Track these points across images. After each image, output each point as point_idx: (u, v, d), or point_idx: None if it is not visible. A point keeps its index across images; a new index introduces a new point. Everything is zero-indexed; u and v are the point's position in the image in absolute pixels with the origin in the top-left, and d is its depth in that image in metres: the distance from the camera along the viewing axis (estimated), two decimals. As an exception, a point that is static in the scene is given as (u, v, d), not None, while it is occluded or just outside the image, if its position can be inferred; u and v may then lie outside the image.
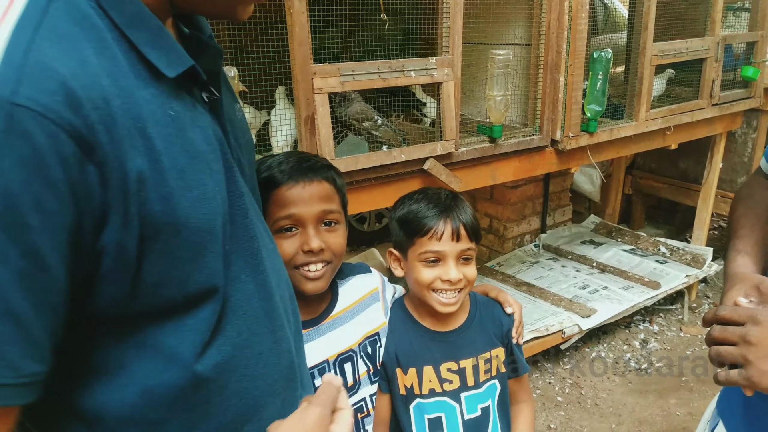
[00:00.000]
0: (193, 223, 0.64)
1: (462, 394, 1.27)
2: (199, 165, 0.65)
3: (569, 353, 2.93)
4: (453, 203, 1.24)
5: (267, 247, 0.81)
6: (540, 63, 2.28)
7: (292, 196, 1.07)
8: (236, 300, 0.73)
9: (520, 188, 3.47)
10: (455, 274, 1.19)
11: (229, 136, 0.73)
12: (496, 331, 1.31)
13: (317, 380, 1.13)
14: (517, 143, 2.28)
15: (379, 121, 2.13)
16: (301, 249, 1.07)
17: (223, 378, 0.72)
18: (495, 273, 3.24)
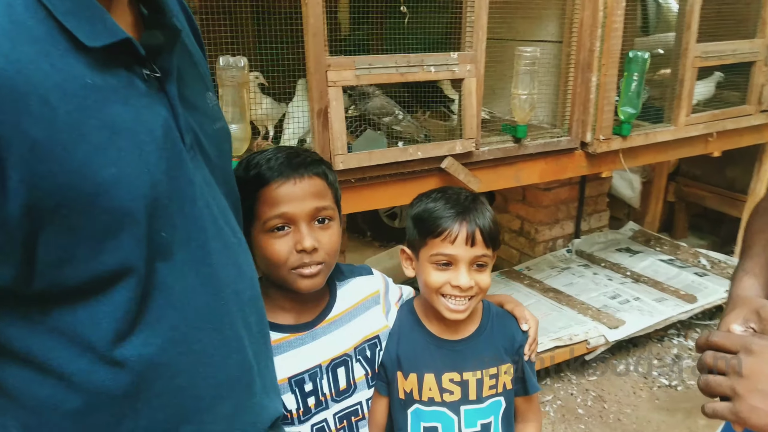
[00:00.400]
0: (106, 202, 0.61)
1: (462, 407, 1.21)
2: (122, 143, 0.63)
3: (595, 364, 2.82)
4: (472, 205, 1.16)
5: (226, 241, 0.78)
6: (571, 61, 2.18)
7: (282, 193, 1.03)
8: (175, 292, 0.70)
9: (554, 191, 3.36)
10: (466, 281, 1.12)
11: (179, 119, 0.71)
12: (506, 346, 1.23)
13: (307, 385, 1.10)
14: (543, 144, 2.20)
15: (400, 116, 2.08)
16: (294, 248, 1.03)
17: (153, 373, 0.69)
18: (522, 277, 3.15)
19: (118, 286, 0.65)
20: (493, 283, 3.08)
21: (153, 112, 0.68)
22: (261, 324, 0.87)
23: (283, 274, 1.05)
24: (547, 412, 2.52)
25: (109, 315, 0.65)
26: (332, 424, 1.14)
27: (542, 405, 2.55)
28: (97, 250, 0.63)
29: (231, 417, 0.79)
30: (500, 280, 3.14)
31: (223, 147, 0.84)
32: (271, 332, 1.06)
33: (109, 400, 0.67)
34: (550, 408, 2.54)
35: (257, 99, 1.93)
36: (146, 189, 0.65)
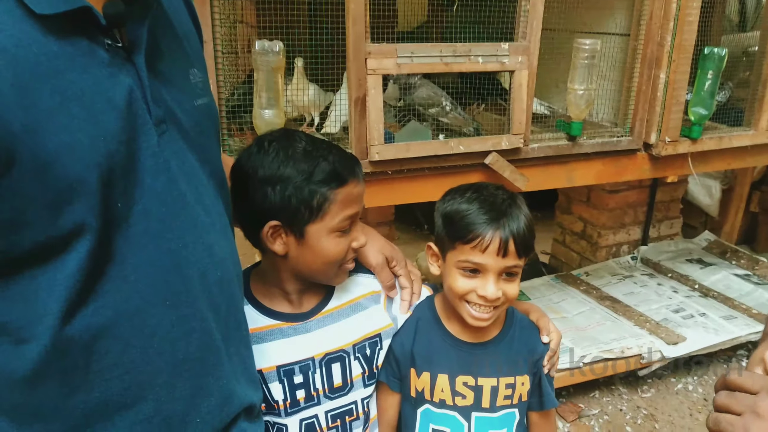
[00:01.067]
0: (58, 168, 0.61)
1: (474, 413, 1.16)
2: (75, 110, 0.62)
3: (650, 381, 2.65)
4: (508, 209, 1.08)
5: (195, 218, 0.77)
6: (637, 56, 2.03)
7: (356, 194, 1.03)
8: (130, 264, 0.69)
9: (621, 193, 3.17)
10: (493, 292, 1.07)
11: (146, 91, 0.70)
12: (526, 357, 1.18)
13: (297, 377, 1.07)
14: (600, 144, 2.06)
15: (447, 107, 2.01)
16: (350, 247, 1.06)
17: (103, 344, 0.68)
18: (579, 282, 3.00)
19: (72, 254, 0.64)
20: (548, 287, 2.96)
21: (115, 81, 0.67)
22: (232, 308, 0.85)
23: (332, 271, 1.06)
24: (591, 426, 2.39)
25: (62, 282, 0.64)
26: (323, 421, 1.11)
27: (587, 419, 2.42)
28: (50, 216, 0.62)
29: (192, 398, 0.78)
30: (555, 284, 3.01)
31: (204, 124, 0.81)
32: (265, 317, 1.07)
33: (59, 369, 0.67)
34: (595, 423, 2.41)
35: (301, 86, 1.91)
36: (101, 158, 0.64)
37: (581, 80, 1.91)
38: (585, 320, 2.66)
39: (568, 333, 2.54)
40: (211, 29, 1.53)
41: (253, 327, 1.05)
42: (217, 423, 0.83)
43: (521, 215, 1.09)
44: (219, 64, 1.60)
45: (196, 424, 0.79)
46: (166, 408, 0.75)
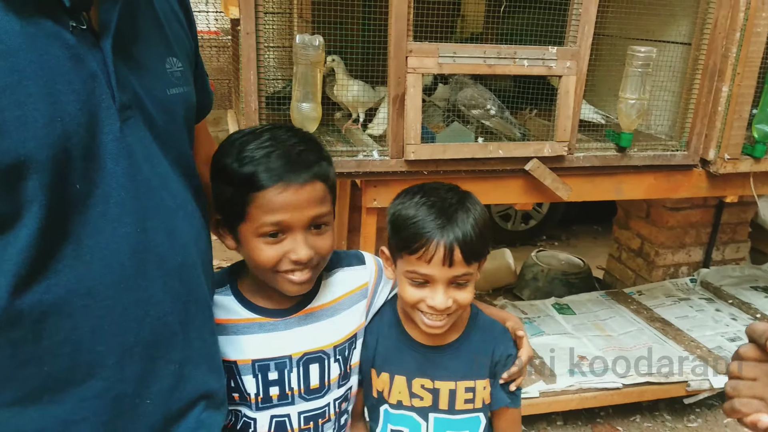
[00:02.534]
0: (7, 142, 0.62)
1: (431, 414, 1.14)
2: (33, 88, 0.64)
3: (699, 410, 2.51)
4: (455, 215, 1.02)
5: (158, 204, 0.78)
6: (698, 66, 1.93)
7: (281, 202, 0.94)
8: (85, 246, 0.70)
9: (683, 212, 3.02)
10: (442, 302, 1.02)
11: (112, 76, 0.71)
12: (486, 362, 1.14)
13: (272, 373, 1.05)
14: (652, 157, 1.97)
15: (492, 111, 1.97)
16: (286, 256, 0.97)
17: (53, 321, 0.70)
18: (630, 301, 2.87)
19: (22, 230, 0.66)
20: (596, 303, 2.86)
21: (78, 64, 0.68)
22: (192, 294, 0.85)
23: (268, 276, 1.00)
24: (628, 451, 2.29)
25: (12, 258, 0.66)
26: (296, 422, 1.08)
27: (624, 443, 2.32)
28: (2, 190, 0.64)
29: (142, 380, 0.79)
30: (604, 300, 2.90)
31: (175, 113, 0.82)
32: (246, 310, 1.06)
33: (8, 340, 0.69)
34: (632, 448, 2.31)
35: (345, 82, 1.93)
36: (55, 137, 0.65)
37: (633, 89, 1.83)
38: (631, 340, 2.55)
39: (610, 352, 2.44)
40: (254, 22, 1.56)
41: (234, 318, 1.05)
42: (169, 405, 0.83)
43: (469, 219, 1.02)
44: (261, 57, 1.63)
45: (146, 405, 0.80)
46: (115, 387, 0.77)
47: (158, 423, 0.83)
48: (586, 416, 2.42)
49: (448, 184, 1.11)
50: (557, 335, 2.55)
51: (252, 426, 1.08)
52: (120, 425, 0.79)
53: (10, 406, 0.73)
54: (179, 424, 0.87)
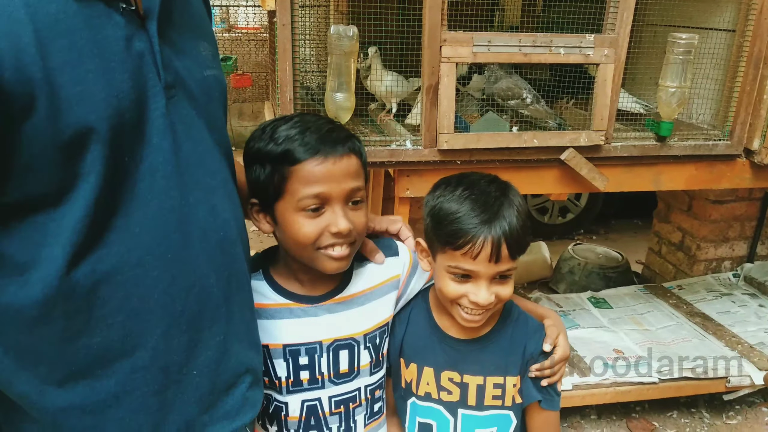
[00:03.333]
0: (71, 116, 0.66)
1: (459, 410, 1.13)
2: (90, 65, 0.68)
3: (738, 407, 2.45)
4: (500, 209, 1.00)
5: (199, 180, 0.81)
6: (743, 54, 1.87)
7: (320, 173, 0.96)
8: (135, 218, 0.74)
9: (727, 204, 2.94)
10: (485, 298, 1.01)
11: (157, 56, 0.75)
12: (518, 359, 1.12)
13: (303, 358, 1.07)
14: (693, 146, 1.92)
15: (528, 99, 1.95)
16: (327, 230, 0.98)
17: (105, 290, 0.73)
18: (669, 295, 2.81)
19: (79, 201, 0.69)
20: (634, 297, 2.81)
21: (129, 44, 0.72)
22: (234, 270, 0.88)
23: (308, 254, 1.00)
24: (664, 447, 2.25)
25: (69, 228, 0.69)
26: (326, 406, 1.10)
27: (660, 439, 2.28)
28: (62, 161, 0.67)
29: (189, 350, 0.82)
30: (642, 294, 2.85)
31: (212, 94, 0.86)
32: (277, 295, 1.07)
33: (63, 312, 0.72)
34: (668, 444, 2.27)
35: (379, 74, 1.93)
36: (112, 111, 0.69)
37: (674, 77, 1.79)
38: (669, 335, 2.50)
39: (647, 346, 2.40)
40: (290, 13, 1.58)
41: (266, 303, 1.07)
42: (214, 378, 0.86)
43: (513, 213, 1.00)
44: (296, 49, 1.65)
45: (192, 376, 0.83)
46: (162, 358, 0.79)
47: (206, 395, 0.86)
48: (621, 410, 2.39)
49: (486, 174, 1.09)
50: (592, 329, 2.52)
51: (284, 410, 1.09)
52: (169, 396, 0.81)
53: (63, 384, 0.76)
54: (226, 400, 0.89)
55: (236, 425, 0.92)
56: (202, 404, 0.86)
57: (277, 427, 1.11)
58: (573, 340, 2.39)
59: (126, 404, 0.78)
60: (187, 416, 0.84)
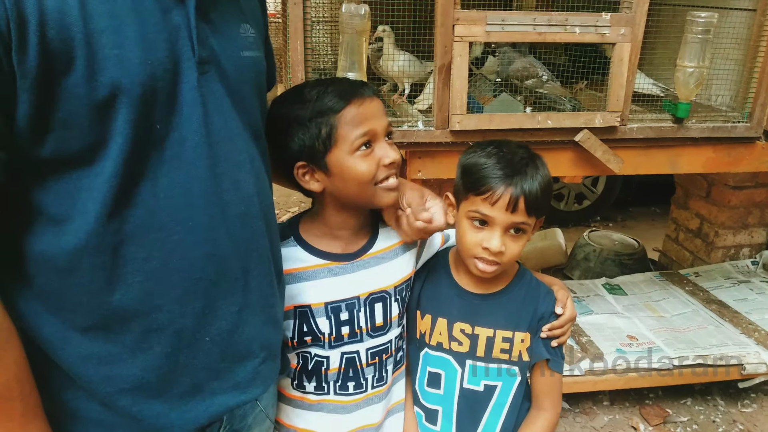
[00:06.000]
0: (106, 76, 0.70)
1: (467, 361, 1.18)
2: (128, 32, 0.71)
3: (754, 395, 2.42)
4: (525, 168, 1.09)
5: (226, 154, 0.83)
6: (763, 33, 1.83)
7: (363, 113, 1.04)
8: (160, 183, 0.77)
9: (746, 190, 2.89)
10: (497, 245, 1.08)
11: (193, 32, 0.77)
12: (528, 316, 1.18)
13: (343, 314, 1.13)
14: (711, 128, 1.89)
15: (544, 77, 1.93)
16: (380, 164, 1.05)
17: (129, 250, 0.77)
18: (685, 282, 2.78)
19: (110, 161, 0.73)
20: (649, 284, 2.78)
21: (166, 16, 0.75)
22: (254, 245, 0.89)
23: (369, 191, 1.06)
24: (677, 433, 2.23)
25: (101, 186, 0.73)
26: (364, 358, 1.16)
27: (673, 425, 2.26)
28: (97, 118, 0.71)
29: (203, 317, 0.84)
30: (657, 281, 2.82)
31: (246, 75, 0.88)
32: (314, 257, 1.13)
33: (90, 265, 0.76)
34: (681, 430, 2.25)
35: (392, 54, 1.92)
36: (145, 77, 0.72)
37: (692, 57, 1.76)
38: (685, 321, 2.47)
39: (662, 333, 2.37)
40: (301, -8, 1.57)
41: (303, 266, 1.12)
42: (226, 347, 0.87)
43: (537, 175, 1.09)
44: (308, 29, 1.64)
45: (205, 342, 0.85)
46: (177, 321, 0.82)
47: (216, 363, 0.88)
48: (635, 397, 2.37)
49: (517, 142, 1.17)
50: (606, 314, 2.49)
51: (325, 364, 1.15)
52: (181, 359, 0.84)
53: (85, 331, 0.79)
54: (237, 371, 0.91)
55: (246, 398, 0.94)
56: (212, 371, 0.88)
57: (315, 383, 1.17)
58: (586, 326, 2.37)
59: (140, 361, 0.81)
60: (197, 380, 0.87)
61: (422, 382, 1.23)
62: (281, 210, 4.12)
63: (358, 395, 1.18)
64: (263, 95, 0.96)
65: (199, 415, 0.88)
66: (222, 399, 0.90)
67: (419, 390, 1.24)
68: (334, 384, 1.17)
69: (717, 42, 1.87)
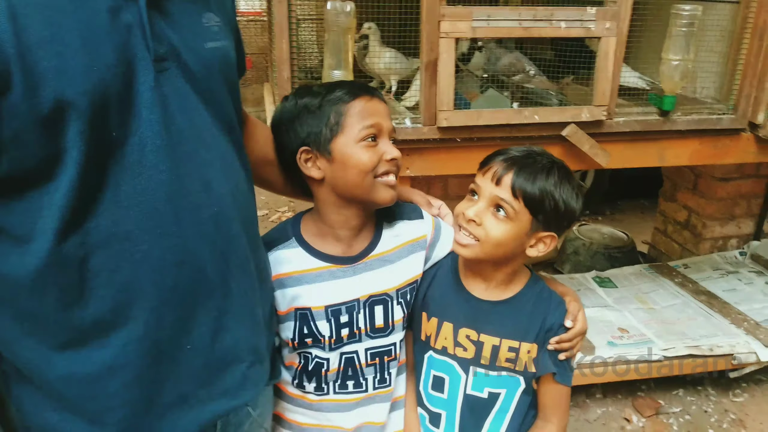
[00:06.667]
0: (48, 91, 0.66)
1: (472, 367, 1.16)
2: (69, 39, 0.67)
3: (745, 384, 2.44)
4: (529, 161, 1.07)
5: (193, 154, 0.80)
6: (747, 25, 1.84)
7: (372, 108, 1.07)
8: (123, 191, 0.73)
9: (733, 182, 2.91)
10: (472, 212, 1.07)
11: (147, 29, 0.73)
12: (537, 327, 1.14)
13: (343, 316, 1.12)
14: (697, 121, 1.90)
15: (531, 72, 1.93)
16: (382, 158, 1.07)
17: (96, 263, 0.74)
18: (674, 274, 2.80)
19: (65, 175, 0.70)
20: (638, 276, 2.80)
21: (115, 16, 0.71)
22: (233, 246, 0.87)
23: (368, 182, 1.07)
24: (669, 424, 2.24)
25: (58, 201, 0.70)
26: (363, 357, 1.15)
27: (666, 416, 2.28)
28: (45, 135, 0.68)
29: (181, 326, 0.82)
30: (647, 273, 2.83)
31: (213, 67, 0.84)
32: (315, 260, 1.11)
33: (57, 282, 0.73)
34: (674, 421, 2.26)
35: (378, 51, 1.91)
36: (93, 85, 0.69)
37: (677, 50, 1.77)
38: (675, 313, 2.49)
39: (652, 325, 2.39)
40: (286, -10, 1.57)
41: (305, 269, 1.11)
42: (209, 354, 0.86)
43: (543, 171, 1.06)
44: (294, 27, 1.64)
45: (186, 351, 0.83)
46: (154, 332, 0.79)
47: (200, 372, 0.86)
48: (627, 389, 2.38)
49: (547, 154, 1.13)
50: (597, 308, 2.51)
51: (325, 365, 1.15)
52: (162, 370, 0.82)
53: (62, 350, 0.77)
54: (224, 377, 0.89)
55: (236, 403, 0.93)
56: (198, 380, 0.86)
57: (315, 383, 1.16)
58: (577, 320, 2.38)
59: (121, 376, 0.79)
60: (183, 389, 0.84)
61: (426, 384, 1.21)
62: (270, 210, 4.10)
63: (359, 394, 1.17)
64: (234, 86, 0.93)
65: (190, 424, 0.86)
66: (211, 407, 0.89)
67: (424, 392, 1.22)
68: (333, 384, 1.16)
69: (702, 35, 1.88)
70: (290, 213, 3.99)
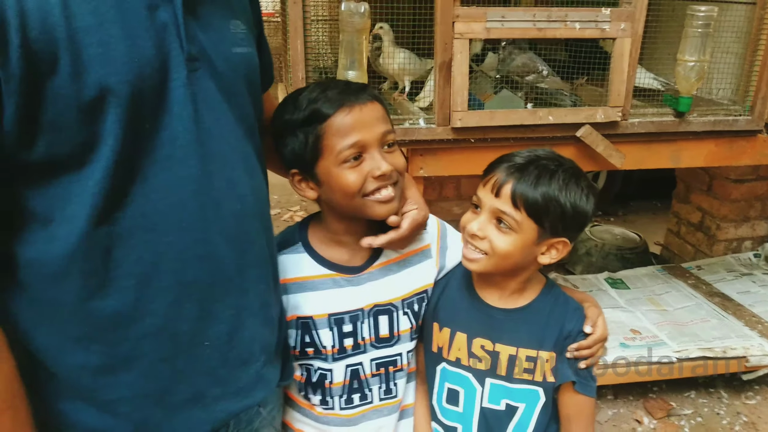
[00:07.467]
0: (92, 76, 0.68)
1: (488, 379, 1.13)
2: (113, 31, 0.70)
3: (757, 387, 2.42)
4: (535, 170, 1.02)
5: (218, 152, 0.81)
6: (764, 26, 1.82)
7: (351, 122, 0.98)
8: (151, 184, 0.75)
9: (748, 183, 2.89)
10: (476, 227, 1.05)
11: (181, 28, 0.76)
12: (554, 335, 1.11)
13: (347, 326, 1.11)
14: (713, 122, 1.89)
15: (544, 71, 1.93)
16: (370, 176, 1.00)
17: (119, 253, 0.75)
18: (687, 276, 2.78)
19: (100, 162, 0.72)
20: (651, 278, 2.78)
21: (153, 14, 0.74)
22: (250, 244, 0.88)
23: (357, 203, 1.02)
24: (681, 426, 2.23)
25: (91, 189, 0.72)
26: (368, 368, 1.14)
27: (677, 418, 2.27)
28: (85, 119, 0.70)
29: (199, 320, 0.83)
30: (660, 275, 2.82)
31: (238, 71, 0.86)
32: (320, 267, 1.10)
33: (81, 270, 0.75)
34: (686, 423, 2.25)
35: (391, 51, 1.92)
36: (133, 76, 0.71)
37: (693, 51, 1.76)
38: (688, 315, 2.47)
39: (665, 326, 2.38)
40: (301, -9, 1.58)
41: (309, 275, 1.09)
42: (226, 351, 0.86)
43: (546, 180, 1.02)
44: (308, 28, 1.65)
45: (204, 347, 0.84)
46: (172, 326, 0.81)
47: (218, 368, 0.87)
48: (638, 391, 2.37)
49: (564, 159, 1.10)
50: (609, 309, 2.49)
51: (329, 377, 1.13)
52: (179, 365, 0.83)
53: (79, 342, 0.78)
54: (240, 376, 0.90)
55: (248, 402, 0.94)
56: (214, 377, 0.87)
57: (320, 396, 1.15)
58: (589, 321, 2.37)
59: (136, 369, 0.80)
60: (198, 387, 0.85)
61: (440, 397, 1.18)
62: (282, 209, 4.12)
63: (364, 406, 1.16)
64: (257, 92, 0.94)
65: (203, 422, 0.87)
66: (224, 405, 0.89)
67: (438, 405, 1.19)
68: (339, 398, 1.14)
69: (717, 36, 1.87)
70: (303, 213, 4.01)
